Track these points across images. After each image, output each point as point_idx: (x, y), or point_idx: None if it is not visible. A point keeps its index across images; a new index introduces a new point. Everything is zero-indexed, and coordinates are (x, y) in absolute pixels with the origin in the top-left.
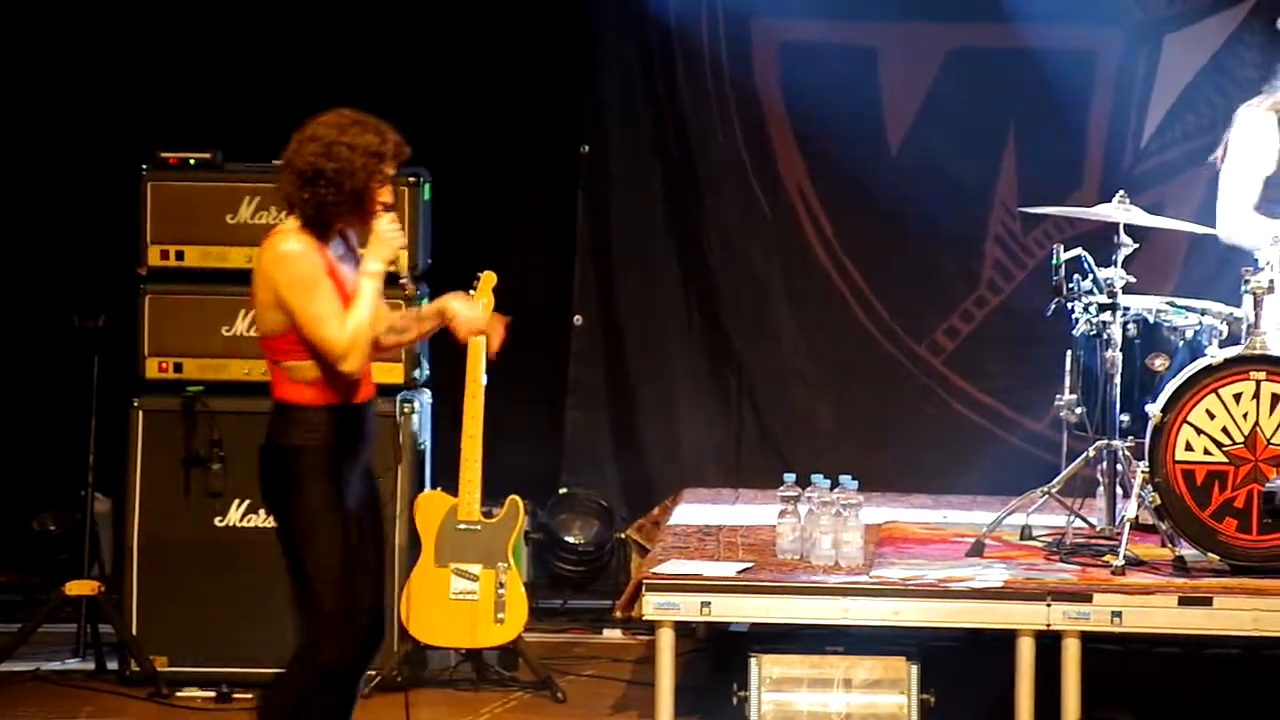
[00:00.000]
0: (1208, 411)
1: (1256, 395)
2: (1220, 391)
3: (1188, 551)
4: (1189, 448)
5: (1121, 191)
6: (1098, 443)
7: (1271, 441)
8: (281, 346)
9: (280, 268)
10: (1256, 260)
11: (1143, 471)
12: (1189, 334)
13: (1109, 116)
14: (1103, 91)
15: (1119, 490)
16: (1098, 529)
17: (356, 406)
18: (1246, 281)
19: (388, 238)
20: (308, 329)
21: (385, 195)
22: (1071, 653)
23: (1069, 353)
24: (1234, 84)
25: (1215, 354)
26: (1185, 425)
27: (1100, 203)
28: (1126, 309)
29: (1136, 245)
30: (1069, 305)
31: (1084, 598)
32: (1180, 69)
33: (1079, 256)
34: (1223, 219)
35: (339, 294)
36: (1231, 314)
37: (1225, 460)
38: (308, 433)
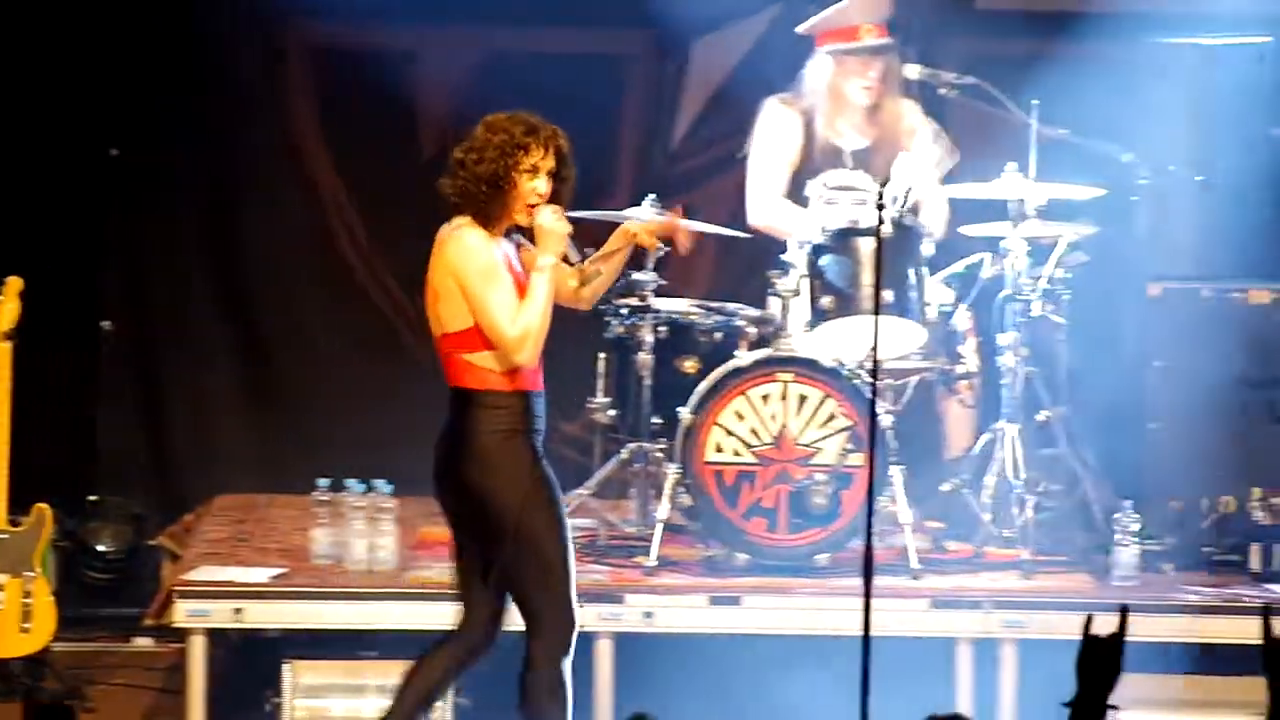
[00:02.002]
0: (737, 413)
1: (784, 396)
2: (749, 393)
3: (718, 551)
4: (719, 449)
5: (652, 195)
6: (630, 445)
7: (799, 442)
8: (466, 341)
9: (464, 259)
10: (785, 262)
11: (674, 473)
12: (718, 336)
13: (640, 120)
14: (633, 95)
15: (651, 492)
16: (631, 530)
17: (539, 394)
18: (773, 284)
19: (551, 229)
20: (482, 318)
21: (539, 188)
22: (604, 653)
23: (601, 356)
24: (763, 87)
25: (743, 356)
26: (715, 427)
27: (632, 206)
28: (658, 312)
29: (667, 249)
30: (601, 308)
31: (616, 598)
32: (709, 73)
33: None
34: (752, 206)
35: (516, 287)
36: (760, 316)
37: (754, 461)
38: (501, 417)
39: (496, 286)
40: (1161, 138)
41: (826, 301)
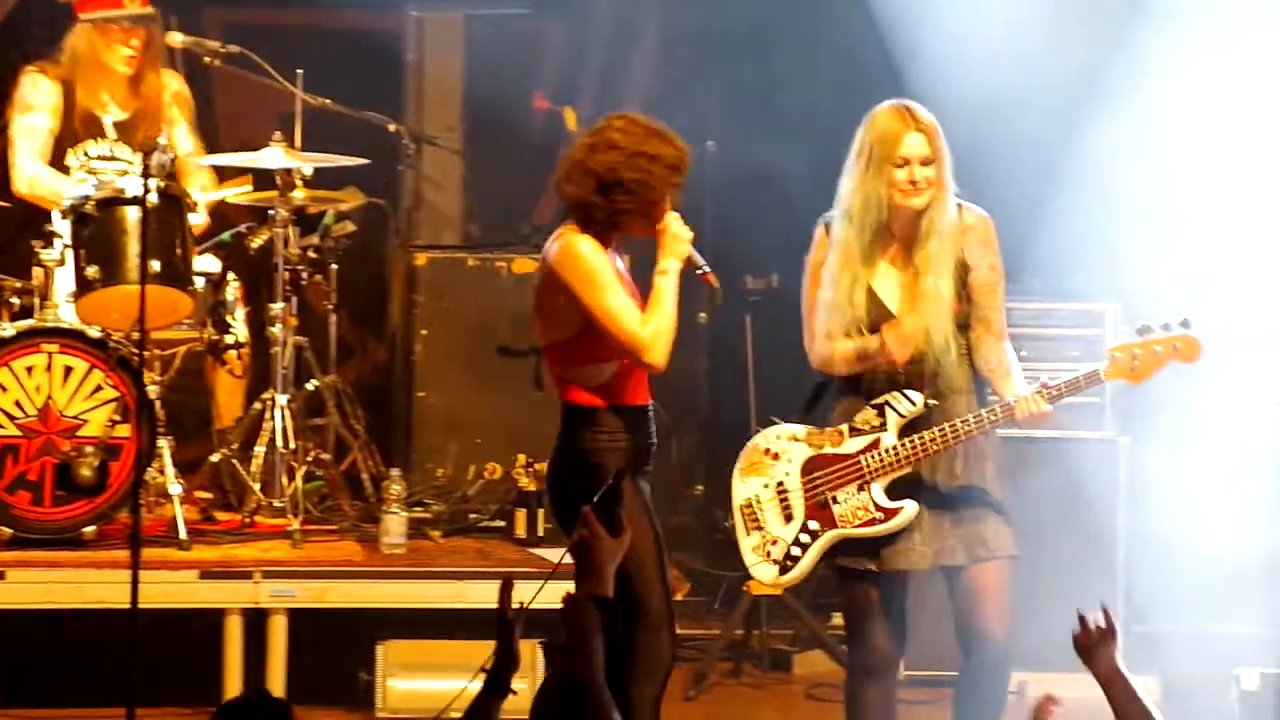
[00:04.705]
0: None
1: (49, 368)
2: (12, 364)
3: None
4: None
5: None
6: None
7: (65, 414)
8: (572, 353)
9: (572, 265)
10: (49, 232)
11: None
12: None
13: None
14: None
15: None
16: None
17: (644, 408)
18: (37, 253)
19: (681, 236)
20: (607, 323)
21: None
22: None
23: None
24: (23, 55)
25: (6, 327)
26: None
27: None
28: None
29: None
30: None
31: None
32: None
33: None
34: (15, 174)
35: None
36: (24, 286)
37: (18, 434)
38: (609, 434)
39: (616, 290)
40: (427, 108)
41: (92, 271)
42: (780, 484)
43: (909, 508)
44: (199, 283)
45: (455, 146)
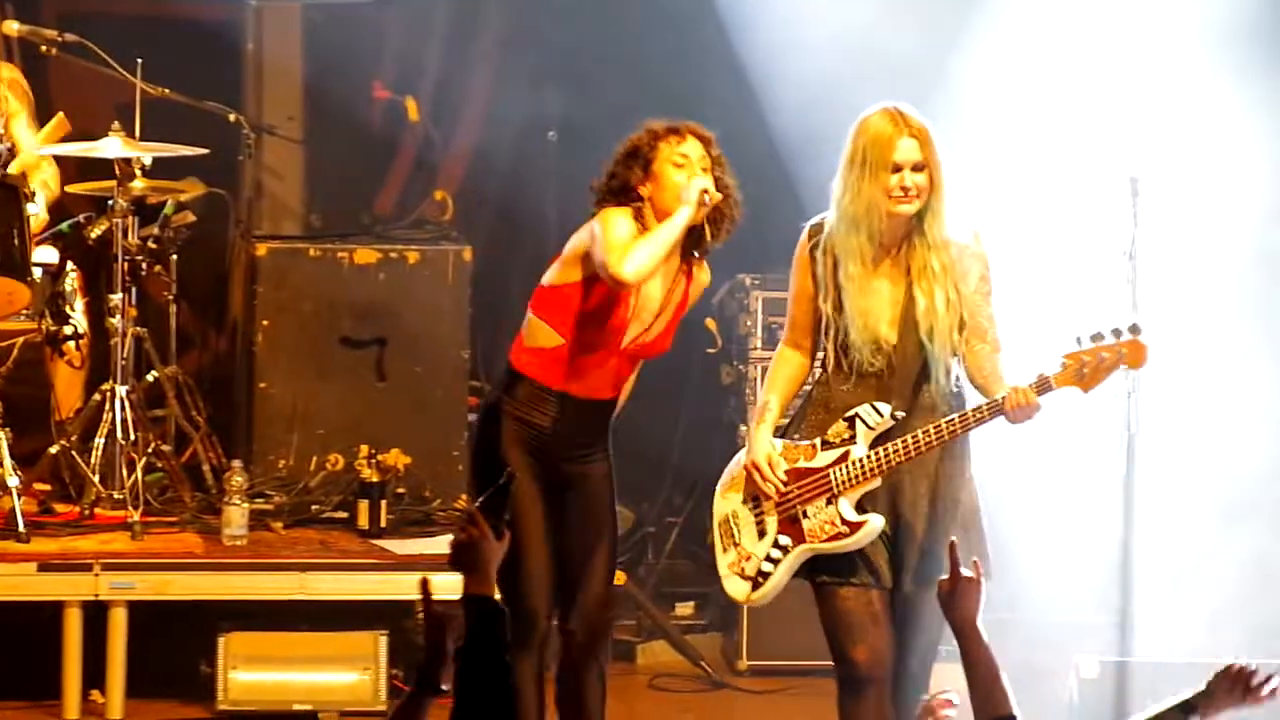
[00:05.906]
0: None
1: None
2: None
3: None
4: None
5: None
6: None
7: None
8: (546, 297)
9: (597, 221)
10: None
11: None
12: None
13: None
14: None
15: None
16: None
17: (577, 400)
18: None
19: (688, 186)
20: (596, 243)
21: (693, 178)
22: None
23: None
24: None
25: None
26: None
27: None
28: None
29: None
30: None
31: None
32: None
33: None
34: None
35: None
36: None
37: None
38: (519, 403)
39: (615, 223)
40: (266, 98)
41: None
42: (756, 499)
43: (874, 521)
44: (37, 273)
45: (295, 136)
